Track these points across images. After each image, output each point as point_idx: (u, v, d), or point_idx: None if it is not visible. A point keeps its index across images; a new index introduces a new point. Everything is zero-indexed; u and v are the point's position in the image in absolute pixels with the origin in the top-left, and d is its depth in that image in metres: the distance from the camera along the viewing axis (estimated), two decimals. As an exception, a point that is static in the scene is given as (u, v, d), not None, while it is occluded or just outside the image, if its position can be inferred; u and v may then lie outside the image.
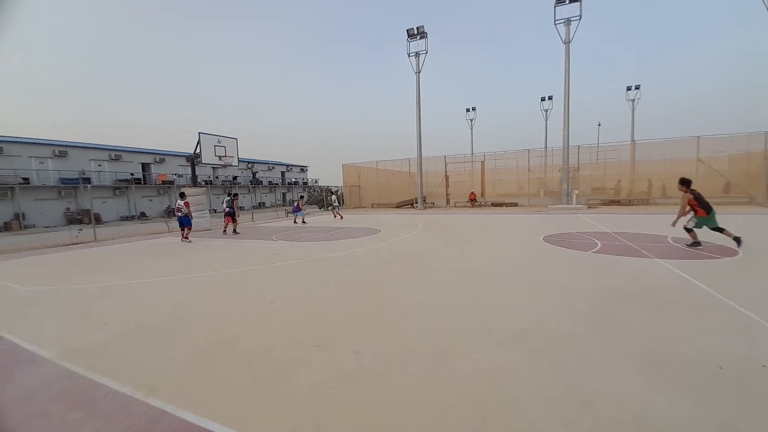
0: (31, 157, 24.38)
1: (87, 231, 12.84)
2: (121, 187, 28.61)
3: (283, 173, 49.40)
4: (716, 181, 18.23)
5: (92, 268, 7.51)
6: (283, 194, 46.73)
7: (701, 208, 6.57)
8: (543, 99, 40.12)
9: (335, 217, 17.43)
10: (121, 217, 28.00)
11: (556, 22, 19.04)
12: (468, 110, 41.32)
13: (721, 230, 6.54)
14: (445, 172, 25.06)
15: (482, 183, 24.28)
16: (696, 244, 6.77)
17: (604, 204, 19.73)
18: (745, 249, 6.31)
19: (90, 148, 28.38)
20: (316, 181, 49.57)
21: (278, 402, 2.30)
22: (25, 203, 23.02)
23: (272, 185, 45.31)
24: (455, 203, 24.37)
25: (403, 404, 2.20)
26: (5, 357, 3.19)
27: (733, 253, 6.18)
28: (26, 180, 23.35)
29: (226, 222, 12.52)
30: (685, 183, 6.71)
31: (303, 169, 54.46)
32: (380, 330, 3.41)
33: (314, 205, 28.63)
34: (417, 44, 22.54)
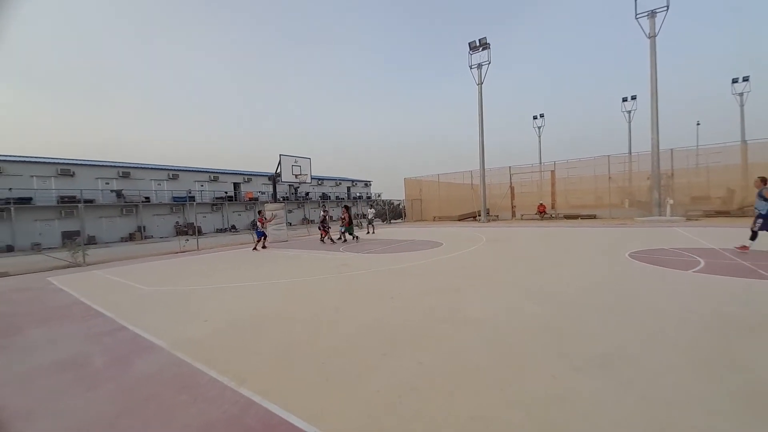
0: (151, 180, 29.65)
1: (191, 241, 15.12)
2: (217, 203, 33.20)
3: (348, 188, 51.96)
4: None
5: (195, 272, 8.80)
6: (348, 208, 49.10)
7: (348, 221, 13.71)
8: (625, 99, 36.11)
9: (368, 232, 17.15)
10: (216, 229, 32.25)
11: (638, 16, 17.19)
12: (535, 117, 39.04)
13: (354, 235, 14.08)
14: (510, 183, 23.84)
15: (552, 193, 22.49)
16: (356, 237, 14.10)
17: (707, 215, 16.71)
18: None
19: (195, 171, 33.52)
20: (379, 195, 51.08)
21: (348, 404, 2.45)
22: (145, 218, 27.95)
23: (339, 200, 47.94)
24: (521, 216, 22.92)
25: (470, 421, 2.18)
26: (129, 345, 3.90)
27: None
28: (147, 199, 28.41)
29: (323, 234, 14.48)
30: (348, 209, 13.91)
31: (367, 183, 56.60)
32: (445, 343, 3.40)
33: (377, 218, 29.47)
34: (479, 56, 22.25)
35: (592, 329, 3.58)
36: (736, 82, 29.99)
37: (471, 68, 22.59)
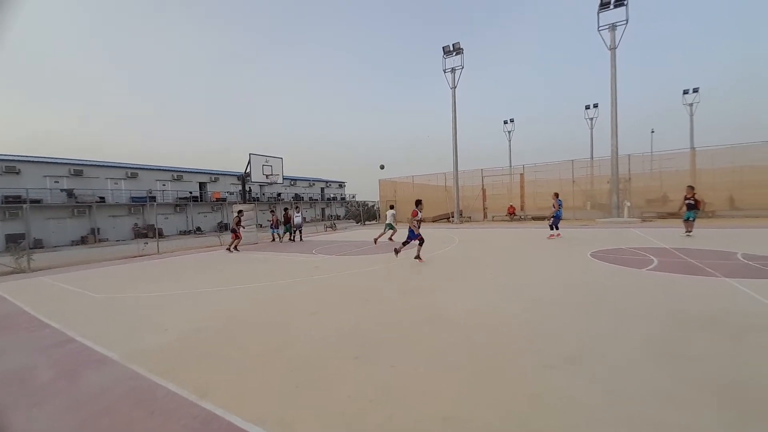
0: (107, 178, 27.69)
1: (151, 244, 14.21)
2: (181, 204, 31.48)
3: (322, 189, 51.31)
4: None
5: (155, 277, 8.28)
6: (322, 209, 48.41)
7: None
8: (587, 107, 38.22)
9: (291, 239, 15.32)
10: (180, 231, 30.61)
11: (600, 29, 18.27)
12: (506, 122, 40.45)
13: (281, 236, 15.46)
14: (482, 185, 24.50)
15: (522, 196, 23.35)
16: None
17: (660, 217, 18.02)
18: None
19: (157, 169, 31.65)
20: (353, 196, 50.84)
21: (318, 412, 2.36)
22: (100, 219, 26.05)
23: (312, 201, 47.20)
24: (493, 217, 23.62)
25: (442, 422, 2.16)
26: (78, 357, 3.57)
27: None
28: (102, 199, 26.48)
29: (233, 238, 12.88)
30: (273, 212, 15.77)
31: (341, 184, 56.15)
32: (419, 345, 3.39)
33: (352, 220, 29.28)
34: (453, 60, 22.71)
35: (561, 327, 3.70)
36: (687, 93, 32.65)
37: (445, 72, 23.03)
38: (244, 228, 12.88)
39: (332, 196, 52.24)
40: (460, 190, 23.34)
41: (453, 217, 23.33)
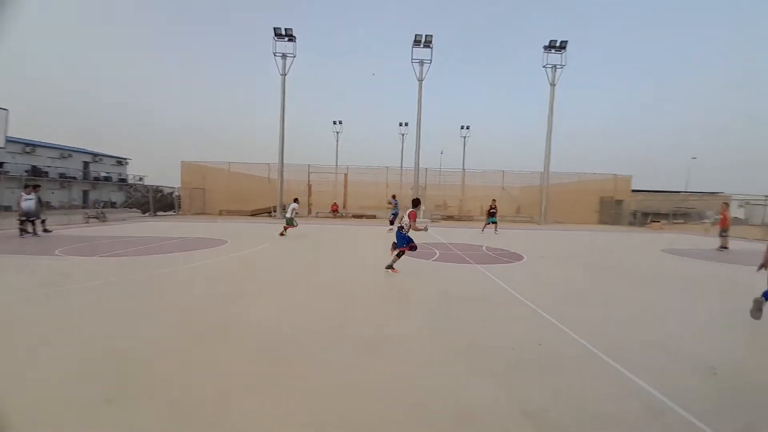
0: None
1: None
2: None
3: (86, 164, 37.61)
4: (512, 205, 24.50)
5: None
6: (85, 192, 35.27)
7: None
8: (401, 124, 45.02)
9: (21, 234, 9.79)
10: None
11: (413, 61, 21.77)
12: (335, 123, 42.28)
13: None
14: (308, 181, 24.55)
15: (345, 195, 24.90)
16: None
17: (443, 219, 23.36)
18: (528, 255, 8.49)
19: None
20: (140, 179, 39.22)
21: None
22: None
23: (67, 179, 33.36)
24: (317, 213, 24.07)
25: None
26: None
27: (520, 258, 8.19)
28: None
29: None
30: None
31: (121, 161, 43.02)
32: (212, 361, 2.73)
33: (136, 209, 22.91)
34: (285, 46, 21.54)
35: (364, 314, 4.11)
36: (463, 128, 43.78)
37: (275, 55, 21.56)
38: None
39: (105, 175, 38.99)
40: (285, 183, 22.46)
41: (275, 211, 22.18)
